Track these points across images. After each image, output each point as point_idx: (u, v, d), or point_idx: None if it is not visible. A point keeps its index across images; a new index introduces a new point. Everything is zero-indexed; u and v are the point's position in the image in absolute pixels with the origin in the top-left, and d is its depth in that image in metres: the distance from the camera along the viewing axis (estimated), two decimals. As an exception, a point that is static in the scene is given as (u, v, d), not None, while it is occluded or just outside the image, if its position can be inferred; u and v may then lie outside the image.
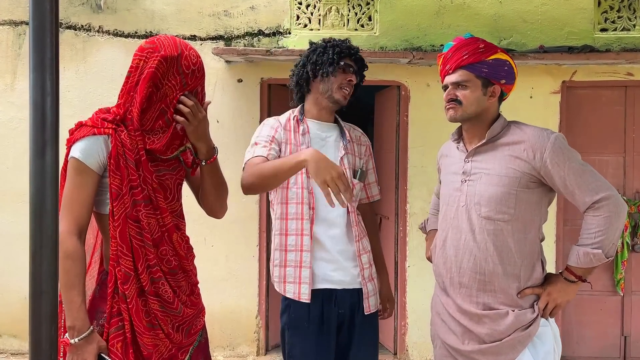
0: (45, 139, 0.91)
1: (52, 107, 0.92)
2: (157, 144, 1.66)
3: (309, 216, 2.08)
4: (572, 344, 4.22)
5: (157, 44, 1.66)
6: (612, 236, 1.78)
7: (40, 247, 0.89)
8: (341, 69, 2.14)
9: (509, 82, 1.92)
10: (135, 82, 1.65)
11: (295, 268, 2.07)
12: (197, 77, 1.69)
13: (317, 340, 2.08)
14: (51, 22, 0.94)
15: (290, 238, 2.09)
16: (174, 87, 1.66)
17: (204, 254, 4.04)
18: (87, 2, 4.18)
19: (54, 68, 0.93)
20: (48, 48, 0.92)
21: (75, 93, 4.16)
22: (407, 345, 4.19)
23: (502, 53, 1.92)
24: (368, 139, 2.36)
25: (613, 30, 4.08)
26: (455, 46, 1.94)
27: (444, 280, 1.97)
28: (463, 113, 1.90)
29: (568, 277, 1.86)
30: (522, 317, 1.82)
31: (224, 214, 1.96)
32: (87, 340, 1.57)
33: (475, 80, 1.89)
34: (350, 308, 2.14)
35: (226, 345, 4.20)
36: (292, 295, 2.07)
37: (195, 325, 1.81)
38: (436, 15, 4.10)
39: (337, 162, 2.14)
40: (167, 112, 1.66)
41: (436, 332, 2.03)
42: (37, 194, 0.89)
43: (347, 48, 2.18)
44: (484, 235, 1.85)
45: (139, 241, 1.65)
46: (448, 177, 2.03)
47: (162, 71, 1.64)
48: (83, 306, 1.58)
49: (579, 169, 1.80)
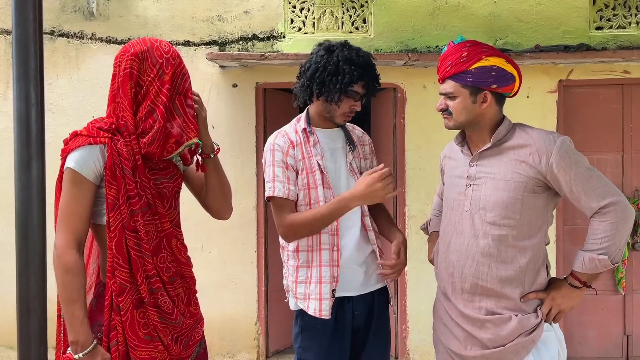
0: (30, 152, 0.88)
1: (37, 119, 0.90)
2: (150, 147, 1.63)
3: (335, 230, 2.06)
4: (574, 344, 4.20)
5: (127, 46, 1.68)
6: (619, 242, 1.76)
7: (27, 264, 0.87)
8: (349, 97, 2.04)
9: (502, 85, 1.86)
10: (117, 87, 1.65)
11: (317, 284, 2.03)
12: (172, 65, 1.68)
13: (330, 344, 2.05)
14: (34, 31, 0.91)
15: (325, 253, 2.04)
16: (153, 80, 1.65)
17: (202, 260, 4.02)
18: (79, 9, 4.16)
19: (38, 79, 0.90)
20: (32, 59, 0.90)
21: (69, 101, 4.14)
22: (408, 349, 4.17)
23: (490, 58, 1.85)
24: (369, 137, 2.32)
25: (609, 28, 4.07)
26: (443, 55, 1.92)
27: (445, 285, 1.96)
28: (455, 122, 1.90)
29: (573, 283, 1.83)
30: (526, 322, 1.80)
31: (230, 214, 1.94)
32: (91, 355, 1.56)
33: (462, 90, 1.86)
34: (367, 311, 2.12)
35: (226, 353, 4.18)
36: (313, 312, 2.03)
37: (193, 337, 1.79)
38: (431, 16, 4.09)
39: (346, 168, 2.14)
40: (154, 109, 1.64)
41: (438, 337, 2.02)
42: (23, 210, 0.87)
43: (360, 73, 2.00)
44: (488, 240, 1.83)
45: (137, 252, 1.63)
46: (452, 181, 2.00)
47: (138, 67, 1.64)
48: (86, 320, 1.57)
49: (586, 173, 1.78)
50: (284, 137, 2.10)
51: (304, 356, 2.08)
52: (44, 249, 0.89)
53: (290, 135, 2.10)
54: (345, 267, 2.07)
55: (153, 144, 1.63)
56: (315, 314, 2.02)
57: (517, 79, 1.89)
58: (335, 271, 2.04)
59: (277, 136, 2.11)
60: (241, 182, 4.07)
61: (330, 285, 2.03)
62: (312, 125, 2.13)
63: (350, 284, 2.09)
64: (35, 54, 0.94)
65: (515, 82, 1.89)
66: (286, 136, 2.10)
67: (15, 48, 0.92)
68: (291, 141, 2.08)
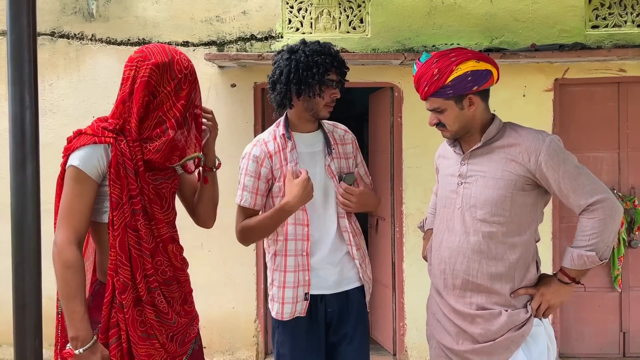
0: (25, 152, 0.92)
1: (31, 120, 0.94)
2: (155, 155, 1.66)
3: (305, 236, 2.13)
4: (571, 341, 4.22)
5: (147, 52, 1.67)
6: (607, 239, 1.79)
7: (22, 260, 0.90)
8: (328, 87, 2.10)
9: (482, 84, 1.88)
10: (129, 92, 1.66)
11: (279, 289, 2.12)
12: (189, 81, 1.71)
13: (304, 338, 2.12)
14: (29, 36, 0.95)
15: (290, 259, 2.12)
16: (169, 94, 1.67)
17: (201, 259, 4.05)
18: (79, 10, 4.20)
19: (32, 82, 0.94)
20: (26, 62, 0.93)
21: (70, 101, 4.17)
22: (406, 346, 4.20)
23: (460, 66, 1.85)
24: (352, 134, 2.33)
25: (604, 27, 4.08)
26: (416, 75, 1.93)
27: (438, 281, 1.99)
28: (452, 132, 1.95)
29: (562, 279, 1.87)
30: (516, 317, 1.83)
31: (213, 224, 2.01)
32: (91, 350, 1.57)
33: (447, 102, 1.89)
34: (339, 308, 2.17)
35: (225, 350, 4.22)
36: (275, 315, 2.13)
37: (189, 334, 1.82)
38: (427, 16, 4.11)
39: (324, 171, 2.17)
40: (165, 120, 1.67)
41: (432, 332, 2.05)
42: (18, 209, 0.90)
43: (330, 60, 2.08)
44: (479, 237, 1.86)
45: (137, 250, 1.66)
46: (445, 179, 2.04)
47: (156, 79, 1.65)
48: (86, 316, 1.58)
49: (574, 172, 1.81)
50: (261, 146, 2.14)
51: (281, 350, 2.15)
52: (38, 246, 0.92)
53: (268, 145, 2.14)
54: (319, 267, 2.13)
55: (158, 153, 1.66)
56: (277, 317, 2.11)
57: (493, 71, 1.90)
58: (305, 275, 2.11)
59: (255, 145, 2.15)
60: (240, 181, 4.10)
61: (303, 289, 2.11)
62: (291, 130, 2.16)
63: (324, 283, 2.14)
64: (30, 58, 0.97)
65: (493, 74, 1.90)
66: (264, 145, 2.14)
67: (10, 53, 0.96)
68: (268, 151, 2.13)
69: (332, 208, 2.17)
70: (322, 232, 2.16)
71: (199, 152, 1.77)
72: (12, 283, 0.92)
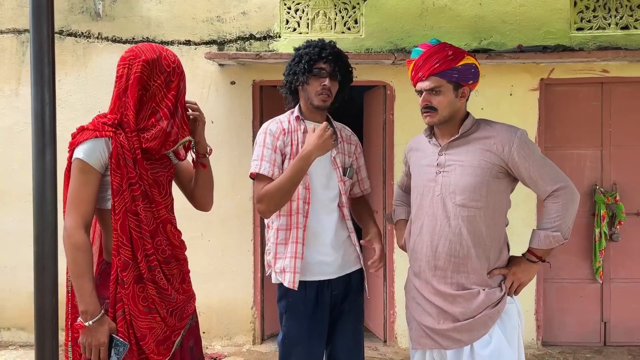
0: (45, 141, 1.10)
1: (50, 115, 1.12)
2: (151, 143, 1.82)
3: (305, 211, 2.26)
4: (553, 330, 4.35)
5: (137, 50, 1.85)
6: (569, 220, 1.99)
7: (42, 230, 1.09)
8: (314, 75, 2.23)
9: (475, 81, 2.11)
10: (124, 88, 1.83)
11: (292, 259, 2.23)
12: (177, 74, 1.88)
13: (310, 322, 2.25)
14: (49, 44, 1.13)
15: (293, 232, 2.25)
16: (160, 86, 1.84)
17: (201, 248, 4.21)
18: (86, 10, 4.36)
19: (51, 83, 1.12)
20: (46, 67, 1.11)
21: (77, 97, 4.34)
22: (396, 333, 4.35)
23: (469, 57, 2.08)
24: (357, 138, 2.51)
25: (589, 29, 4.22)
26: (425, 54, 2.07)
27: (420, 264, 2.12)
28: (440, 117, 2.08)
29: (530, 258, 2.05)
30: (492, 296, 2.00)
31: (211, 207, 2.15)
32: (99, 322, 1.74)
33: (447, 85, 2.05)
34: (343, 289, 2.33)
35: (223, 335, 4.37)
36: (287, 284, 2.23)
37: (186, 310, 1.98)
38: (419, 17, 4.25)
39: (330, 160, 2.32)
40: (158, 110, 1.84)
41: (412, 314, 2.19)
42: (39, 188, 1.08)
43: (317, 53, 2.22)
44: (459, 221, 2.02)
45: (138, 232, 1.82)
46: (421, 169, 2.18)
47: (147, 74, 1.82)
48: (94, 292, 1.74)
49: (541, 161, 2.01)
50: (277, 124, 2.31)
51: (288, 334, 2.28)
52: (55, 218, 1.11)
53: (283, 123, 2.31)
54: (325, 254, 2.27)
55: (155, 140, 1.83)
56: (289, 286, 2.23)
57: (479, 80, 2.13)
58: (300, 248, 2.25)
59: (271, 123, 2.33)
60: (238, 174, 4.24)
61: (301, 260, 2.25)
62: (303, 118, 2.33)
63: (330, 269, 2.29)
64: (49, 63, 1.15)
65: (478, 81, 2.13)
66: (279, 123, 2.31)
67: (33, 58, 1.14)
68: (283, 128, 2.29)
69: (333, 196, 2.32)
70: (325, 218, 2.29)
71: (189, 136, 1.93)
72: (34, 250, 1.10)
